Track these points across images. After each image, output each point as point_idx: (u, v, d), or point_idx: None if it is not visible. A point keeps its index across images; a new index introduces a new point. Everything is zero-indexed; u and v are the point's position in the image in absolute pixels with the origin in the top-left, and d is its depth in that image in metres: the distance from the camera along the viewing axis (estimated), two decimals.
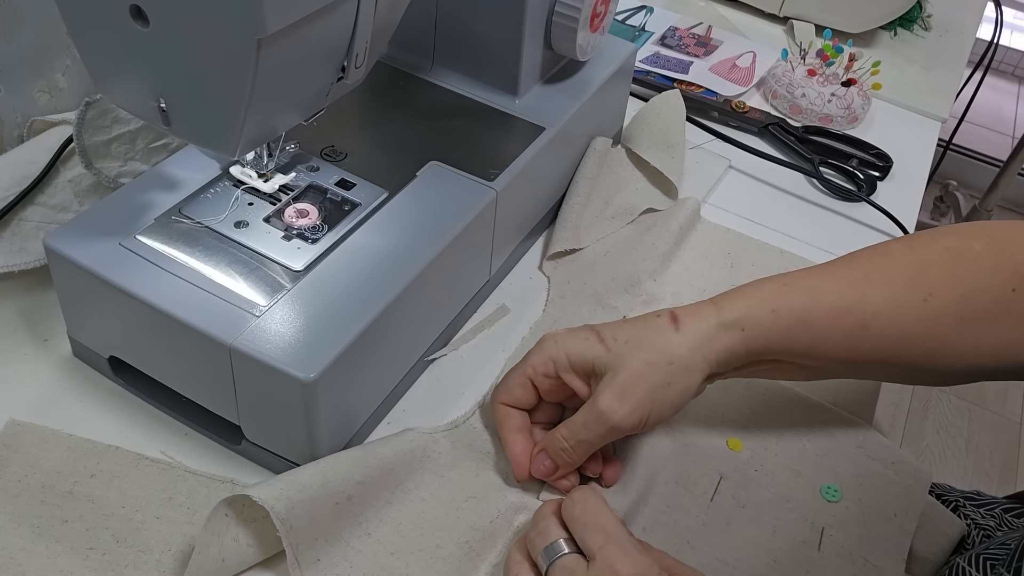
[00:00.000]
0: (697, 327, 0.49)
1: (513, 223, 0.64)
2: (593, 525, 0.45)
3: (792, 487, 0.55)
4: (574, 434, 0.50)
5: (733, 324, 0.49)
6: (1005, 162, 2.05)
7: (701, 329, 0.49)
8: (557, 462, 0.51)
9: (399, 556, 0.49)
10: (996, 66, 2.69)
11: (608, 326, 0.51)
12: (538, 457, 0.52)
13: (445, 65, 0.67)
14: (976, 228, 0.52)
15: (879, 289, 0.50)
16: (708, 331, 0.49)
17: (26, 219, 0.60)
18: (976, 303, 0.50)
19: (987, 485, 1.75)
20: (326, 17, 0.44)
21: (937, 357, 0.51)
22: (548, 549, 0.45)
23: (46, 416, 0.53)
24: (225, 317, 0.48)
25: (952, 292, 0.50)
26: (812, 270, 0.52)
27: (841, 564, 0.52)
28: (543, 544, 0.46)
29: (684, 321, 0.50)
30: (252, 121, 0.45)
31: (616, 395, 0.48)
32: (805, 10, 1.05)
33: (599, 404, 0.49)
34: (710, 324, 0.49)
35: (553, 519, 0.47)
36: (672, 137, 0.76)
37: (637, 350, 0.49)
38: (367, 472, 0.49)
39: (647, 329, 0.50)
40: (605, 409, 0.48)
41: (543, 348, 0.52)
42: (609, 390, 0.49)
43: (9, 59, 0.63)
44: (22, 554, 0.46)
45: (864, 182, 0.83)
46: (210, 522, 0.45)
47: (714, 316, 0.50)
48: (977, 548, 0.55)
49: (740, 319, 0.49)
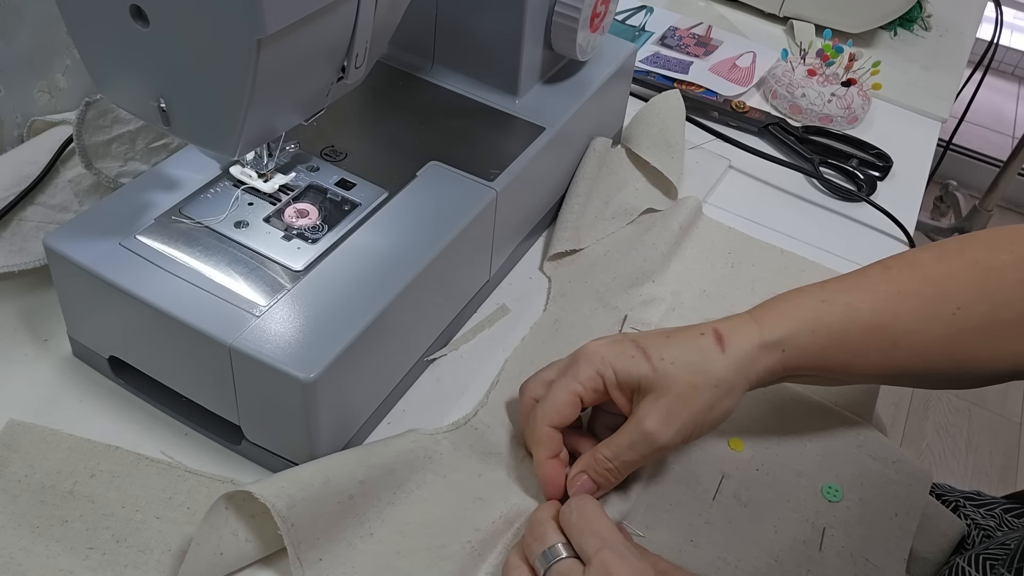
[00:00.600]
0: (740, 347, 0.49)
1: (513, 223, 0.64)
2: (589, 530, 0.46)
3: (793, 487, 0.55)
4: (618, 455, 0.50)
5: (774, 345, 0.50)
6: (1005, 162, 2.05)
7: (744, 349, 0.49)
8: (599, 482, 0.51)
9: (402, 556, 0.49)
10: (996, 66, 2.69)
11: (653, 342, 0.50)
12: (579, 478, 0.51)
13: (445, 65, 0.67)
14: (1003, 237, 0.53)
15: (910, 304, 0.51)
16: (751, 351, 0.49)
17: (26, 219, 0.60)
18: (1002, 315, 0.51)
19: (987, 485, 1.75)
20: (326, 17, 0.44)
21: (963, 367, 0.52)
22: (545, 553, 0.46)
23: (46, 416, 0.53)
24: (225, 317, 0.48)
25: (979, 305, 0.51)
26: (848, 283, 0.52)
27: (842, 564, 0.52)
28: (540, 548, 0.46)
29: (728, 341, 0.49)
30: (252, 121, 0.45)
31: (662, 417, 0.48)
32: (805, 10, 1.05)
33: (646, 426, 0.49)
34: (752, 344, 0.50)
35: (551, 524, 0.47)
36: (672, 137, 0.76)
37: (683, 371, 0.49)
38: (369, 472, 0.49)
39: (692, 349, 0.49)
40: (652, 431, 0.48)
41: (590, 363, 0.50)
42: (655, 412, 0.49)
43: (9, 59, 0.63)
44: (22, 554, 0.46)
45: (864, 182, 0.83)
46: (209, 515, 0.45)
47: (756, 335, 0.50)
48: (977, 548, 0.55)
49: (781, 340, 0.50)
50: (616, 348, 0.50)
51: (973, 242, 0.53)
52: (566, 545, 0.46)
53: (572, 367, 0.51)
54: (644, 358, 0.49)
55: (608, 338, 0.52)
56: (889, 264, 0.53)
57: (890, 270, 0.53)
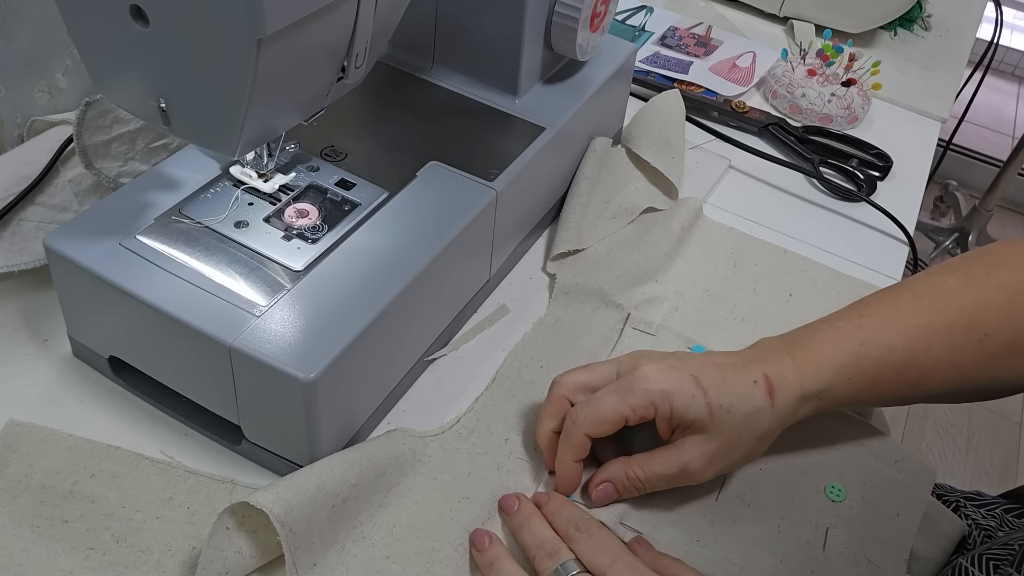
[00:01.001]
0: (786, 400, 0.50)
1: (513, 223, 0.64)
2: (600, 547, 0.47)
3: (796, 486, 0.55)
4: (650, 479, 0.51)
5: (813, 395, 0.51)
6: (1005, 162, 2.06)
7: (789, 402, 0.50)
8: (621, 495, 0.52)
9: (394, 560, 0.49)
10: (996, 66, 2.69)
11: (712, 382, 0.50)
12: (604, 487, 0.51)
13: (445, 65, 0.67)
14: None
15: (941, 338, 0.52)
16: (793, 403, 0.51)
17: (26, 219, 0.60)
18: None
19: (987, 485, 1.75)
20: (326, 17, 0.44)
21: (986, 387, 0.54)
22: (559, 570, 0.47)
23: (46, 416, 0.53)
24: (225, 317, 0.48)
25: (1006, 330, 0.52)
26: (882, 318, 0.53)
27: (844, 564, 0.52)
28: (553, 565, 0.47)
29: (777, 393, 0.50)
30: (252, 121, 0.45)
31: (706, 460, 0.50)
32: (805, 10, 1.05)
33: (689, 464, 0.50)
34: (795, 395, 0.50)
35: (559, 539, 0.48)
36: (672, 137, 0.76)
37: (736, 423, 0.49)
38: (361, 475, 0.49)
39: (747, 399, 0.50)
40: (693, 471, 0.50)
41: (646, 392, 0.49)
42: (701, 454, 0.50)
43: (9, 59, 0.63)
44: (22, 554, 0.46)
45: (864, 182, 0.83)
46: (213, 538, 0.44)
47: (798, 386, 0.51)
48: (980, 548, 0.55)
49: (821, 391, 0.51)
50: (676, 382, 0.50)
51: (997, 263, 0.54)
52: (577, 561, 0.47)
53: (626, 389, 0.50)
54: (704, 401, 0.49)
55: (665, 365, 0.50)
56: (919, 293, 0.54)
57: (921, 300, 0.53)
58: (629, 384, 0.50)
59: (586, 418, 0.50)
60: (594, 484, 0.52)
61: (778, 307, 0.68)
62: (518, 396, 0.58)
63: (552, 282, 0.67)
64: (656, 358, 0.51)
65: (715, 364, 0.51)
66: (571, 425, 0.51)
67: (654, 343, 0.63)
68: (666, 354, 0.52)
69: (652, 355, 0.52)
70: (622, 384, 0.50)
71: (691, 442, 0.50)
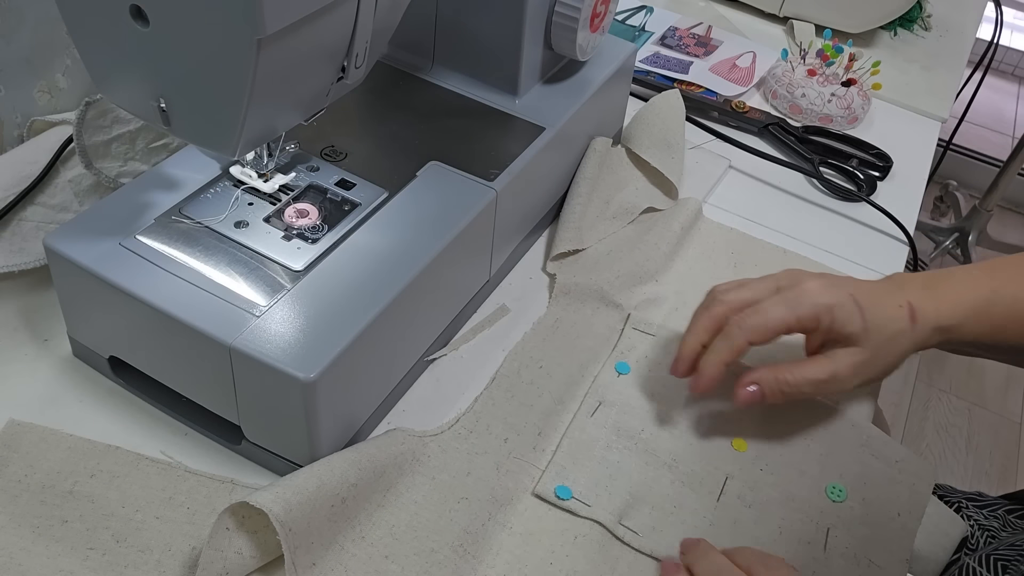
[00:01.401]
0: (924, 327, 0.55)
1: (513, 223, 0.64)
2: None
3: (797, 486, 0.55)
4: (800, 384, 0.54)
5: (946, 329, 0.55)
6: (1005, 162, 2.06)
7: (925, 330, 0.55)
8: (769, 396, 0.55)
9: (393, 560, 0.49)
10: (996, 66, 2.69)
11: (867, 300, 0.54)
12: (750, 388, 0.55)
13: (445, 65, 0.67)
14: None
15: None
16: (928, 332, 0.55)
17: (26, 219, 0.60)
18: None
19: (987, 485, 1.75)
20: (326, 17, 0.44)
21: None
22: None
23: (46, 416, 0.53)
24: (225, 317, 0.48)
25: None
26: (1013, 271, 0.57)
27: (845, 565, 0.52)
28: None
29: (918, 319, 0.54)
30: (252, 121, 0.45)
31: (855, 369, 0.54)
32: (805, 10, 1.05)
33: (839, 372, 0.54)
34: (931, 325, 0.55)
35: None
36: (672, 137, 0.76)
37: (883, 339, 0.54)
38: (360, 474, 0.49)
39: (893, 320, 0.54)
40: (843, 377, 0.54)
41: (815, 304, 0.53)
42: (852, 363, 0.54)
43: (9, 59, 0.63)
44: (22, 554, 0.46)
45: (864, 182, 0.83)
46: (213, 538, 0.44)
47: (934, 317, 0.55)
48: (986, 549, 0.55)
49: (952, 327, 0.55)
50: (839, 298, 0.54)
51: None
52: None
53: (794, 301, 0.54)
54: (860, 316, 0.53)
55: (826, 282, 0.55)
56: None
57: None
58: (796, 297, 0.54)
59: (753, 326, 0.53)
60: (742, 384, 0.55)
61: None
62: (517, 396, 0.58)
63: (552, 282, 0.67)
64: (814, 275, 0.56)
65: (867, 286, 0.55)
66: (736, 331, 0.54)
67: (654, 343, 0.63)
68: (821, 273, 0.56)
69: (809, 273, 0.56)
70: (789, 297, 0.54)
71: (842, 353, 0.54)
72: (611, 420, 0.57)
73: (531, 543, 0.51)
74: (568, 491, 0.53)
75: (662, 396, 0.59)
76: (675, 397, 0.59)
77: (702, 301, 0.58)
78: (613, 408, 0.58)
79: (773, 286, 0.55)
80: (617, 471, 0.55)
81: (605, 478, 0.54)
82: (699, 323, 0.56)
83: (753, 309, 0.54)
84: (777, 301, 0.54)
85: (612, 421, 0.57)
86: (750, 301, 0.55)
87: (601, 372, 0.61)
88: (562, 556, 0.50)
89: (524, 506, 0.53)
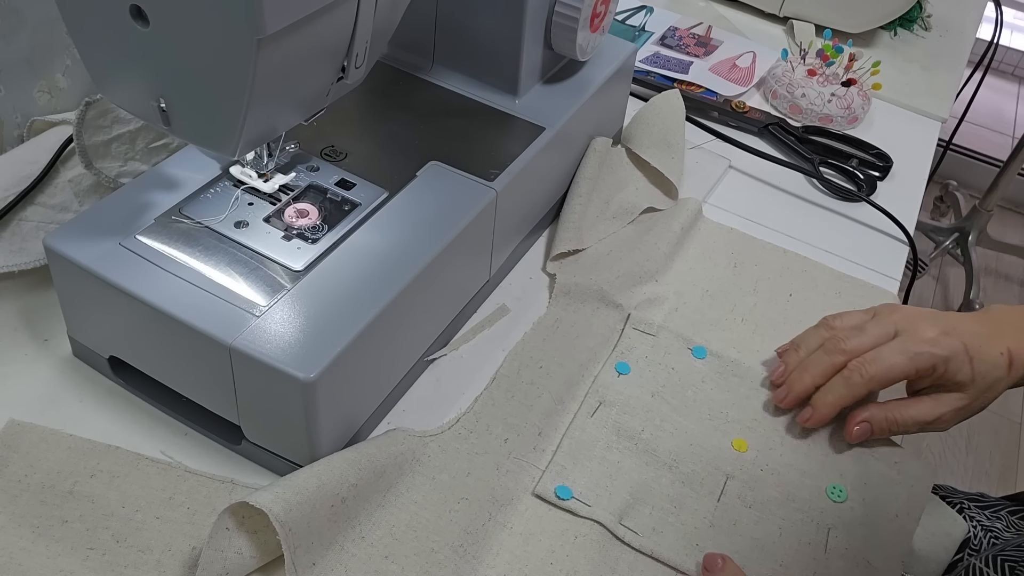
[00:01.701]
0: (1018, 371, 0.58)
1: (513, 223, 0.64)
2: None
3: (798, 487, 0.55)
4: (906, 422, 0.57)
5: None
6: (1005, 162, 2.05)
7: (1019, 373, 0.58)
8: (876, 432, 0.57)
9: (393, 560, 0.49)
10: (996, 66, 2.69)
11: (975, 349, 0.57)
12: (863, 426, 0.57)
13: (445, 65, 0.67)
14: None
15: None
16: (1020, 375, 0.58)
17: (26, 219, 0.60)
18: None
19: (987, 485, 1.75)
20: (326, 17, 0.44)
21: None
22: None
23: (46, 416, 0.53)
24: (225, 317, 0.48)
25: None
26: None
27: (845, 566, 0.52)
28: None
29: (1015, 366, 0.57)
30: (252, 121, 0.45)
31: (956, 415, 0.58)
32: (805, 10, 1.05)
33: (944, 416, 0.57)
34: (1021, 370, 0.57)
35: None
36: (672, 137, 0.76)
37: (984, 386, 0.57)
38: (360, 474, 0.49)
39: (995, 368, 0.57)
40: (945, 421, 0.58)
41: (932, 356, 0.56)
42: (954, 409, 0.57)
43: (9, 59, 0.63)
44: (22, 554, 0.46)
45: (864, 182, 0.83)
46: (213, 538, 0.44)
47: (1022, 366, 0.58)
48: (992, 549, 0.55)
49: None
50: (953, 349, 0.56)
51: None
52: None
53: (911, 351, 0.56)
54: (970, 367, 0.56)
55: (941, 331, 0.57)
56: None
57: None
58: (916, 347, 0.57)
59: (874, 376, 0.56)
60: (854, 421, 0.57)
61: (778, 307, 0.68)
62: (518, 396, 0.58)
63: (552, 282, 0.67)
64: (926, 318, 0.58)
65: (976, 334, 0.57)
66: (857, 378, 0.57)
67: (654, 343, 0.63)
68: (933, 315, 0.59)
69: (919, 313, 0.59)
70: (908, 347, 0.57)
71: (948, 398, 0.57)
72: (611, 420, 0.57)
73: (531, 543, 0.51)
74: (568, 491, 0.53)
75: (662, 396, 0.59)
76: (676, 398, 0.60)
77: (814, 331, 0.61)
78: (613, 408, 0.58)
79: (891, 331, 0.58)
80: (617, 471, 0.55)
81: (605, 478, 0.54)
82: (819, 368, 0.58)
83: (874, 357, 0.57)
84: (896, 351, 0.57)
85: (612, 421, 0.57)
86: (869, 348, 0.57)
87: (601, 372, 0.61)
88: (562, 556, 0.50)
89: (524, 506, 0.53)
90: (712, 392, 0.60)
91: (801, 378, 0.58)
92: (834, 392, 0.57)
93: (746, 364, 0.62)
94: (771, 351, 0.64)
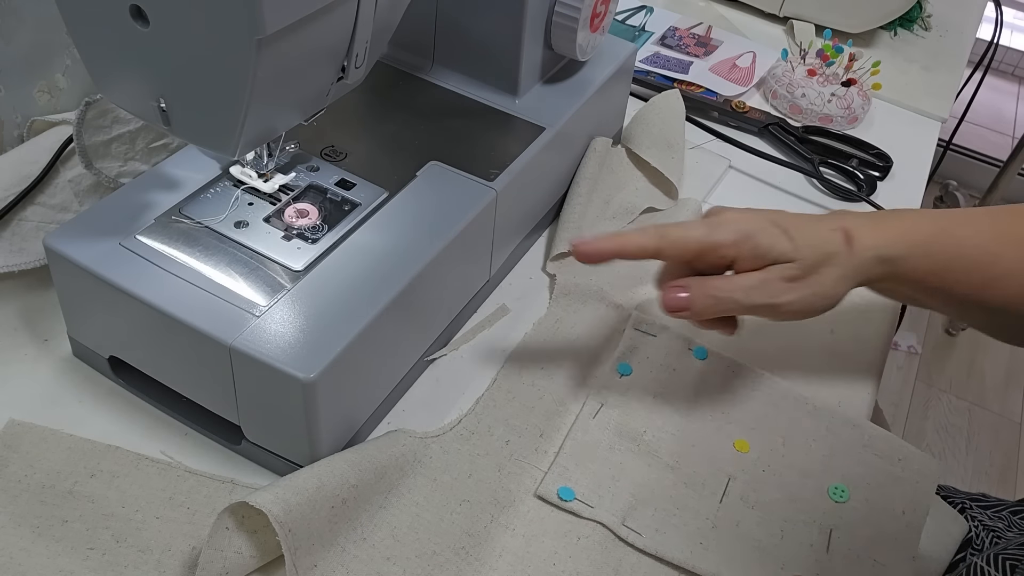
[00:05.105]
0: (862, 253, 0.52)
1: (513, 223, 0.64)
2: None
3: (800, 487, 0.55)
4: (731, 292, 0.51)
5: (889, 260, 0.53)
6: (1005, 162, 2.05)
7: (866, 257, 0.52)
8: (695, 307, 0.52)
9: (395, 561, 0.48)
10: (996, 66, 2.69)
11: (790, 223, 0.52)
12: (678, 292, 0.52)
13: (445, 65, 0.67)
14: None
15: (1016, 249, 0.54)
16: (870, 260, 0.53)
17: (26, 219, 0.60)
18: None
19: (987, 485, 1.75)
20: (326, 17, 0.44)
21: None
22: None
23: (46, 416, 0.53)
24: (225, 317, 0.48)
25: None
26: (960, 219, 0.55)
27: (849, 566, 0.52)
28: None
29: (855, 243, 0.52)
30: (252, 121, 0.45)
31: (789, 284, 0.52)
32: (805, 10, 1.05)
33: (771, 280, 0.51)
34: (872, 253, 0.52)
35: None
36: (672, 137, 0.76)
37: (816, 255, 0.52)
38: (361, 476, 0.49)
39: (826, 240, 0.52)
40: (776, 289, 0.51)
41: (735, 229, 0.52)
42: (784, 277, 0.51)
43: (9, 59, 0.63)
44: (22, 554, 0.46)
45: (864, 182, 0.83)
46: (212, 538, 0.44)
47: (874, 244, 0.53)
48: (994, 549, 0.55)
49: (896, 257, 0.53)
50: (758, 223, 0.52)
51: None
52: None
53: (712, 223, 0.52)
54: (784, 237, 0.52)
55: (747, 213, 0.53)
56: (995, 212, 0.56)
57: (998, 216, 0.55)
58: (718, 222, 0.52)
59: (666, 234, 0.52)
60: (668, 287, 0.53)
61: None
62: (519, 398, 0.58)
63: (552, 282, 0.67)
64: (737, 208, 0.54)
65: (796, 215, 0.53)
66: (652, 230, 0.53)
67: (655, 343, 0.63)
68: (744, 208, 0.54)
69: (731, 208, 0.54)
70: (710, 220, 0.53)
71: (776, 267, 0.52)
72: (613, 422, 0.57)
73: (534, 545, 0.51)
74: (571, 492, 0.53)
75: (664, 397, 0.59)
76: (678, 398, 0.59)
77: None
78: (615, 410, 0.58)
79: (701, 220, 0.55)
80: (620, 472, 0.55)
81: (608, 479, 0.54)
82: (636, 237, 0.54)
83: (675, 223, 0.54)
84: (698, 223, 0.53)
85: (614, 423, 0.57)
86: None
87: (603, 373, 0.61)
88: (565, 558, 0.50)
89: (526, 508, 0.53)
90: (714, 393, 0.60)
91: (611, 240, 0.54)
92: (625, 235, 0.53)
93: (747, 365, 0.62)
94: (772, 352, 0.64)
